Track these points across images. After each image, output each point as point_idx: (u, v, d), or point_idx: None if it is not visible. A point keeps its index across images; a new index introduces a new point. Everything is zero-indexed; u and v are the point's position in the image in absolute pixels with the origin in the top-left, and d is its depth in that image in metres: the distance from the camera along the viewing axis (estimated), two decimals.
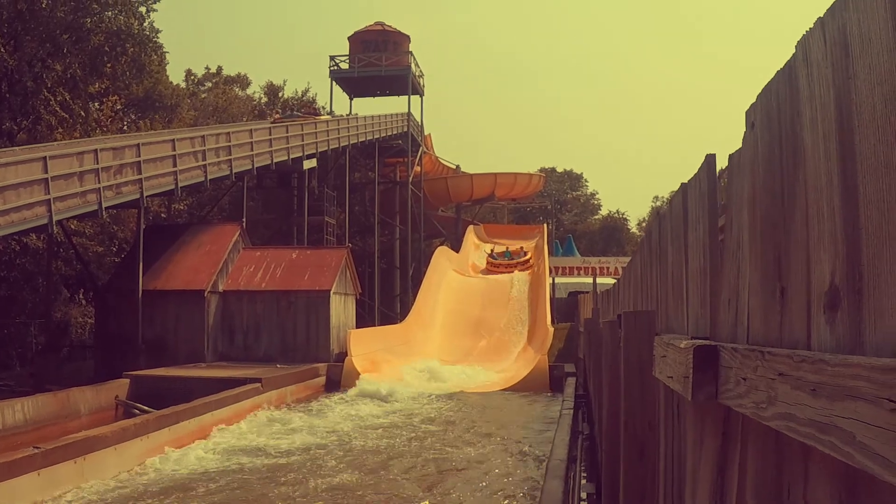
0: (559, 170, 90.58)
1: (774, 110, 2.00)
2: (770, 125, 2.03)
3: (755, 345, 2.07)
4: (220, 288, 27.84)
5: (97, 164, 22.27)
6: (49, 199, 20.21)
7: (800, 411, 1.53)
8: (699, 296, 3.09)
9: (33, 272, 33.57)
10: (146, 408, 18.87)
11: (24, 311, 34.31)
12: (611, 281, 37.22)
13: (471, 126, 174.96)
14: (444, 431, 17.50)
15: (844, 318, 1.55)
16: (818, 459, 1.55)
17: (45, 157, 20.26)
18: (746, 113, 2.26)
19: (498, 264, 44.30)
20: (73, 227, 29.48)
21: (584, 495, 10.32)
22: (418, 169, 50.72)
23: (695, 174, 3.20)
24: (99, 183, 22.36)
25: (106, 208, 23.17)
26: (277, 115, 44.36)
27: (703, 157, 2.98)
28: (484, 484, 12.62)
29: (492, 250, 46.54)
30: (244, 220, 31.73)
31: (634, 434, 4.42)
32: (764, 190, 2.09)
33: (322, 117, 43.40)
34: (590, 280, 40.67)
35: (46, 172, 20.11)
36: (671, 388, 2.94)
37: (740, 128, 2.28)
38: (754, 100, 2.18)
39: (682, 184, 3.51)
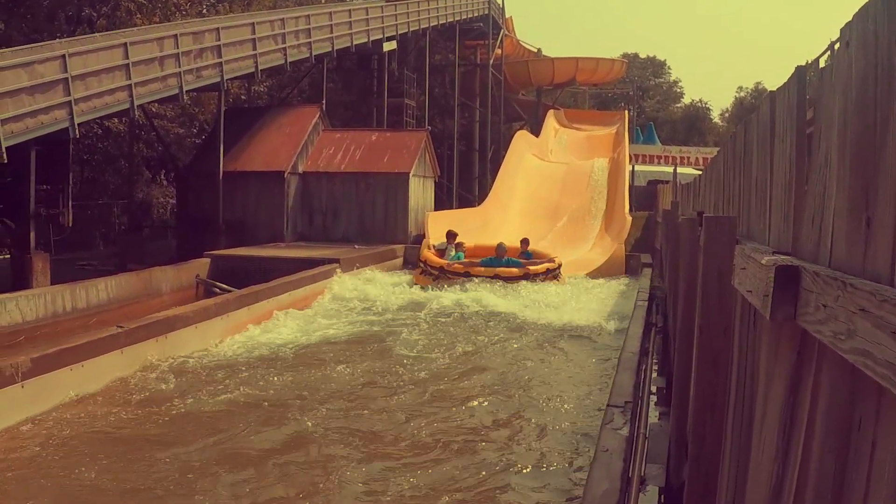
0: (642, 56, 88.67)
1: (871, 34, 1.93)
2: (866, 49, 1.97)
3: (837, 269, 2.04)
4: (300, 169, 28.06)
5: (177, 48, 22.32)
6: (130, 85, 20.38)
7: (878, 351, 1.52)
8: (783, 209, 3.04)
9: (116, 155, 34.06)
10: (226, 286, 19.23)
11: (107, 193, 34.97)
12: (691, 171, 36.72)
13: (553, 10, 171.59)
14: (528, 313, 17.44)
15: None
16: (893, 401, 1.53)
17: (125, 44, 20.34)
18: (841, 31, 2.19)
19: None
20: (154, 109, 29.73)
21: (653, 388, 10.40)
22: (499, 52, 49.98)
23: (784, 84, 3.12)
24: (179, 67, 22.45)
25: (186, 92, 23.31)
26: None
27: (794, 69, 2.91)
28: (560, 369, 12.69)
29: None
30: (324, 101, 31.67)
31: (709, 340, 4.41)
32: (856, 114, 2.04)
33: None
34: (670, 169, 39.93)
35: (127, 58, 20.22)
36: (749, 300, 2.92)
37: (829, 21, 2.21)
38: (851, 18, 2.11)
39: (769, 92, 3.45)
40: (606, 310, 17.93)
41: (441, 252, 22.54)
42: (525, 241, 23.16)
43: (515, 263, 20.96)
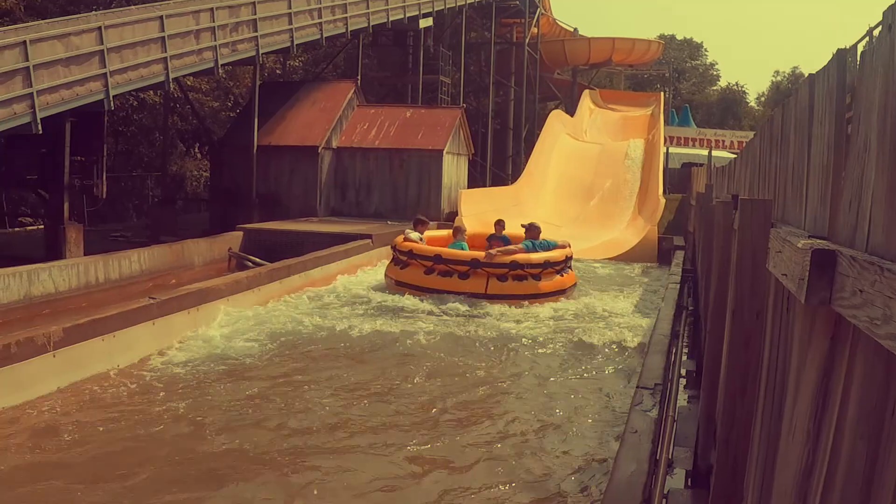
0: (679, 38, 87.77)
1: None
2: None
3: (874, 255, 2.02)
4: (334, 144, 28.13)
5: (213, 22, 22.42)
6: (166, 57, 20.53)
7: None
8: (819, 193, 3.02)
9: (150, 127, 34.30)
10: (258, 260, 19.32)
11: (141, 165, 35.28)
12: (726, 155, 36.38)
13: None
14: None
15: None
16: None
17: (161, 17, 20.45)
18: (884, 13, 2.16)
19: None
20: (189, 83, 29.86)
21: (683, 371, 10.36)
22: (535, 30, 49.63)
23: (823, 67, 3.09)
24: (215, 41, 22.55)
25: (222, 65, 23.41)
26: None
27: (835, 51, 2.88)
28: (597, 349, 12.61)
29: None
30: (359, 77, 31.71)
31: (742, 323, 4.38)
32: None
33: None
34: (704, 152, 39.65)
35: (163, 31, 20.35)
36: (784, 284, 2.90)
37: (867, 6, 2.18)
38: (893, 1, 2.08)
39: (809, 75, 3.42)
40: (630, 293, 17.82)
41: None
42: (500, 224, 17.92)
43: (553, 245, 16.71)
